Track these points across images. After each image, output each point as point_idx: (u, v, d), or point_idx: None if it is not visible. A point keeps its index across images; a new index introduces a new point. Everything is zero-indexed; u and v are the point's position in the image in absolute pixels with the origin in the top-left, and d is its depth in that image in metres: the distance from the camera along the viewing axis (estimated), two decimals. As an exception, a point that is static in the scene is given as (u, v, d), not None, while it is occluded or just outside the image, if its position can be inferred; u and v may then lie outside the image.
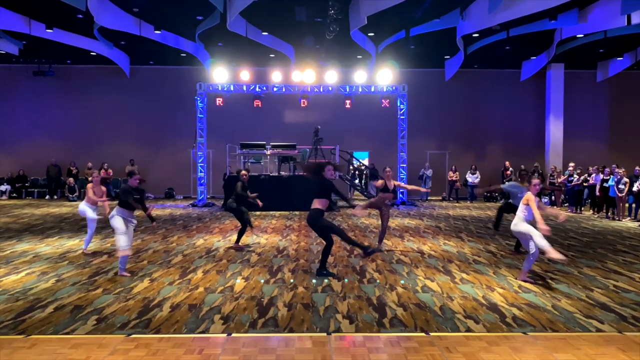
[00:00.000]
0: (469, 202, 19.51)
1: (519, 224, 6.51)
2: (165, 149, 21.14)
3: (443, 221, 13.39)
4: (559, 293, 6.04)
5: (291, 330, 4.68)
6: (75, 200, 18.60)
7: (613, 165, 14.20)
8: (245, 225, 8.85)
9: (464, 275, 6.93)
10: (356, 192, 19.47)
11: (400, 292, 6.03)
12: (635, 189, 12.97)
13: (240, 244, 9.00)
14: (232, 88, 17.63)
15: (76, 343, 4.34)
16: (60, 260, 7.85)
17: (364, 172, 18.17)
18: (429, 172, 20.09)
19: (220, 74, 17.39)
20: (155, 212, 15.12)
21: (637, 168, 13.14)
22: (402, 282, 6.55)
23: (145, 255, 8.28)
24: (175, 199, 20.47)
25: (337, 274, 6.92)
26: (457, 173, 19.95)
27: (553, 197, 17.88)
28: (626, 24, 13.07)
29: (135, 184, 7.02)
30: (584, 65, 20.68)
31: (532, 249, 6.37)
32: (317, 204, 6.75)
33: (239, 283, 6.43)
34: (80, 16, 14.29)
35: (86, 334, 4.60)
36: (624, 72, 19.89)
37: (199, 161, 17.48)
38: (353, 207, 8.18)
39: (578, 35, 16.07)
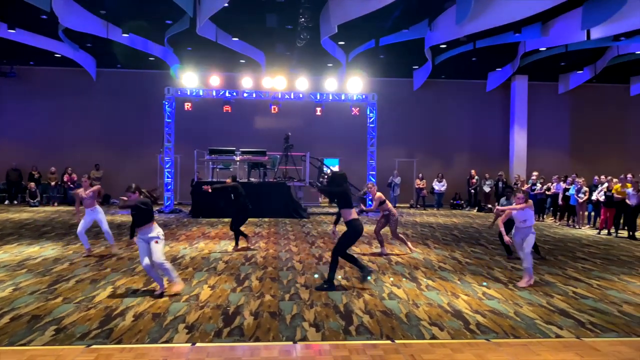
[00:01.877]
0: (435, 209, 19.81)
1: (517, 234, 7.06)
2: (132, 154, 20.73)
3: (410, 228, 13.55)
4: (521, 299, 6.18)
5: (257, 339, 4.65)
6: (36, 206, 18.01)
7: (573, 175, 14.69)
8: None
9: (430, 282, 7.02)
10: (326, 200, 19.54)
11: (367, 299, 6.06)
12: (594, 198, 13.43)
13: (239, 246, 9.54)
14: (201, 93, 17.44)
15: (32, 355, 4.20)
16: (18, 268, 7.57)
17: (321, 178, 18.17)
18: (398, 180, 20.31)
19: (189, 78, 17.19)
20: (120, 218, 14.80)
21: (595, 178, 13.61)
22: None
23: (109, 263, 8.08)
24: (141, 204, 20.04)
25: (311, 281, 6.92)
26: (424, 181, 20.25)
27: (517, 205, 18.31)
28: (586, 38, 13.57)
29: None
30: (547, 78, 21.37)
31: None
32: (354, 214, 6.50)
33: (205, 292, 6.34)
34: (45, 17, 13.93)
35: (43, 345, 4.45)
36: (584, 84, 20.64)
37: (166, 166, 17.20)
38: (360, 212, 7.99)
39: (541, 49, 16.60)
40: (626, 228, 12.24)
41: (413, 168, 21.62)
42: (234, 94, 17.56)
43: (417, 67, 20.29)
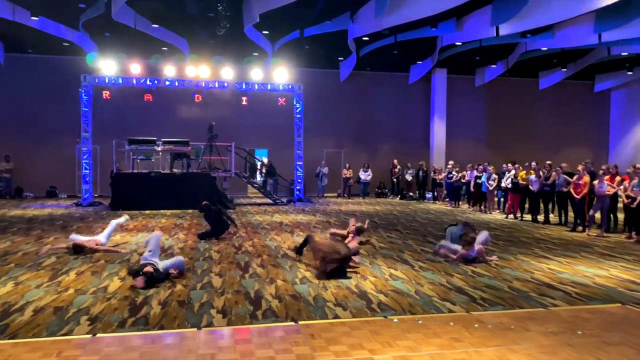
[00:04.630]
0: (361, 198, 20.37)
1: None
2: (47, 145, 19.63)
3: (334, 216, 13.88)
4: (424, 279, 6.58)
5: (162, 328, 4.66)
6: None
7: (485, 163, 15.62)
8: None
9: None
10: (253, 190, 19.52)
11: (279, 285, 6.22)
12: (503, 184, 14.38)
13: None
14: (120, 81, 16.80)
15: None
16: None
17: (259, 169, 18.23)
18: (325, 170, 20.65)
19: (107, 65, 16.49)
20: (31, 212, 14.04)
21: (504, 166, 14.55)
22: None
23: (14, 258, 7.70)
24: (58, 198, 19.10)
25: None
26: (351, 170, 20.73)
27: (436, 193, 19.24)
28: (495, 34, 14.42)
29: None
30: (465, 71, 22.47)
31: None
32: None
33: (115, 283, 6.24)
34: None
35: None
36: (498, 78, 21.91)
37: (84, 157, 16.47)
38: None
39: (457, 43, 17.43)
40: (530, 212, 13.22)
41: (341, 158, 22.05)
42: (156, 82, 17.06)
43: (342, 58, 20.64)
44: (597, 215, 11.23)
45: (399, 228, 11.61)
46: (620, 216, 11.68)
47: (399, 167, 20.87)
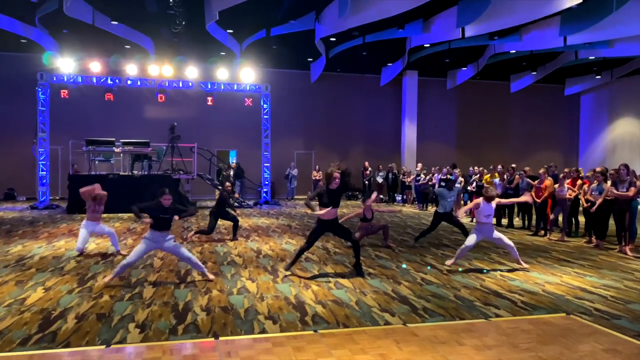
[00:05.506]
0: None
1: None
2: (4, 145, 18.93)
3: (297, 220, 13.56)
4: (369, 287, 6.30)
5: (67, 345, 4.28)
6: None
7: (448, 167, 15.47)
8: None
9: (288, 274, 6.97)
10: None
11: (214, 296, 5.87)
12: (468, 188, 14.23)
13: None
14: (79, 79, 16.25)
15: None
16: None
17: (223, 171, 17.75)
18: (295, 172, 20.34)
19: (66, 63, 15.95)
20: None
21: (470, 168, 14.42)
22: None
23: (-62, 267, 7.21)
24: (16, 200, 18.43)
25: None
26: (321, 172, 20.43)
27: (405, 196, 19.06)
28: (461, 36, 14.29)
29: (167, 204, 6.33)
30: (436, 74, 22.38)
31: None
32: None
33: (37, 294, 5.81)
34: None
35: None
36: (469, 81, 21.87)
37: (40, 159, 15.88)
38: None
39: (425, 45, 17.28)
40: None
41: (312, 160, 21.77)
42: (117, 81, 16.55)
43: (312, 59, 20.35)
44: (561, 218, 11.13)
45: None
46: (583, 220, 11.59)
47: (370, 169, 20.65)
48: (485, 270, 7.47)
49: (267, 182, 18.16)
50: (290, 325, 4.85)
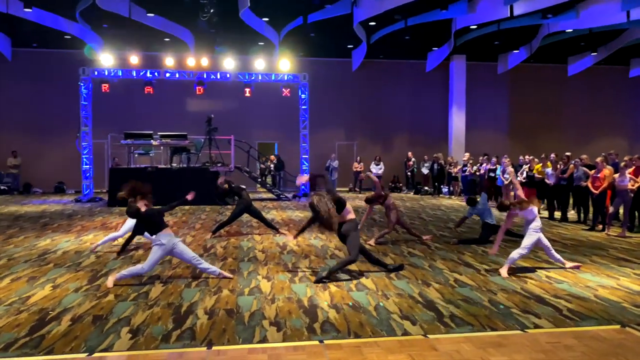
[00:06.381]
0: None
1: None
2: (54, 140, 19.51)
3: (333, 213, 13.02)
4: (393, 290, 5.70)
5: (50, 352, 3.97)
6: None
7: (502, 155, 14.43)
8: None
9: (308, 274, 6.48)
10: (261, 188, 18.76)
11: (223, 296, 5.46)
12: (518, 178, 13.17)
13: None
14: (120, 73, 16.39)
15: None
16: None
17: (263, 165, 17.45)
18: (335, 164, 19.82)
19: (106, 58, 16.13)
20: (25, 209, 13.77)
21: (520, 158, 13.37)
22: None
23: (-36, 261, 7.23)
24: (65, 193, 18.97)
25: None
26: (362, 164, 19.82)
27: (451, 188, 18.11)
28: (509, 15, 13.21)
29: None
30: (485, 58, 21.11)
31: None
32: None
33: (42, 292, 5.62)
34: None
35: None
36: (522, 64, 20.47)
37: (84, 152, 16.16)
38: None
39: (472, 27, 16.22)
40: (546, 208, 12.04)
41: (353, 151, 21.17)
42: (156, 74, 16.57)
43: (352, 47, 19.67)
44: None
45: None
46: (648, 214, 10.38)
47: (413, 159, 19.80)
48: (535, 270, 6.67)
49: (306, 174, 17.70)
50: (295, 334, 4.36)
